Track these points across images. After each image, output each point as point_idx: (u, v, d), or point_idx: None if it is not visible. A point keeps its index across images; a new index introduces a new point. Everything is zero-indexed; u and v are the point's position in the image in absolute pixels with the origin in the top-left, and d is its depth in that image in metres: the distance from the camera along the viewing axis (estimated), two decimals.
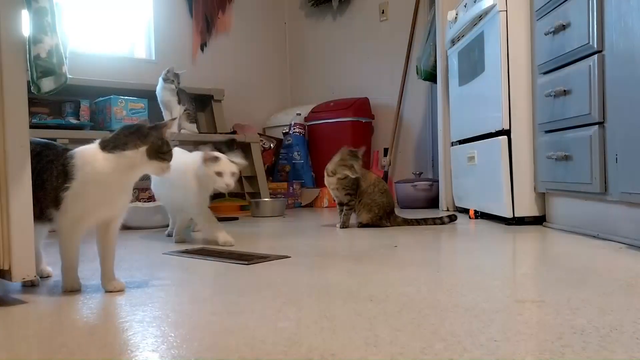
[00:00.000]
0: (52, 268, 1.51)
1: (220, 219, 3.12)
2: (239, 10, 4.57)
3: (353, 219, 2.60)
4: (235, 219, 3.20)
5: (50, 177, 1.23)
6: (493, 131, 2.53)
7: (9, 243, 1.18)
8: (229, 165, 2.01)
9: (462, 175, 3.07)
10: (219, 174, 1.98)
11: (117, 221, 1.30)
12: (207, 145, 2.25)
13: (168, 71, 3.44)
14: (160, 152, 1.28)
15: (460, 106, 3.06)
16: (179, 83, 3.47)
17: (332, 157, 2.57)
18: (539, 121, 2.30)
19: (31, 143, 1.26)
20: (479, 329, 0.92)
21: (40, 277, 1.44)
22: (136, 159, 1.25)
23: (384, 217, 2.54)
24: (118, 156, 1.24)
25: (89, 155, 1.25)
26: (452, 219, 2.61)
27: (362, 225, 2.55)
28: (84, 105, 3.36)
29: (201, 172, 2.01)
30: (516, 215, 2.41)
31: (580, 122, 1.94)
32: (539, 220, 2.40)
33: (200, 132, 3.81)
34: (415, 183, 3.64)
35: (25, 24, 1.23)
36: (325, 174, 2.56)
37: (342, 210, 2.58)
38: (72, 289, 1.29)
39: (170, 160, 1.32)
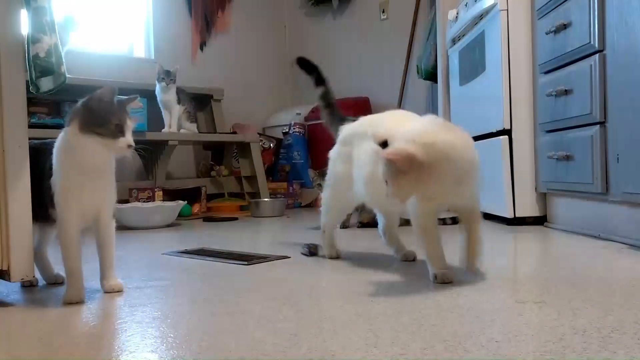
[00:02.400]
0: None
1: (220, 220, 3.13)
2: (238, 10, 4.56)
3: (353, 219, 2.59)
4: (235, 219, 3.19)
5: (44, 176, 1.21)
6: (494, 131, 2.52)
7: (7, 243, 1.18)
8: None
9: None
10: None
11: (105, 217, 1.24)
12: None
13: (158, 71, 3.42)
14: (92, 126, 1.14)
15: (461, 106, 3.05)
16: (171, 80, 3.44)
17: None
18: (540, 121, 2.29)
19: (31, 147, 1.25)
20: (480, 329, 0.92)
21: (55, 283, 1.40)
22: (73, 134, 1.16)
23: None
24: (64, 134, 1.18)
25: (57, 140, 1.20)
26: (456, 220, 2.60)
27: (362, 224, 2.55)
28: None
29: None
30: (517, 215, 2.41)
31: (582, 121, 1.93)
32: (540, 221, 2.40)
33: (200, 132, 3.81)
34: None
35: (24, 23, 1.22)
36: None
37: None
38: (71, 300, 1.18)
39: (111, 136, 1.14)
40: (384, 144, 1.18)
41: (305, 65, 1.81)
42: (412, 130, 1.19)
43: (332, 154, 1.63)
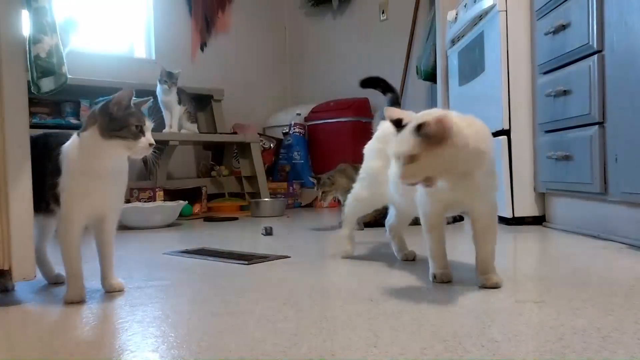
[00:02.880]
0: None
1: (220, 219, 3.13)
2: (238, 10, 4.57)
3: None
4: (235, 219, 3.19)
5: (47, 172, 1.21)
6: (493, 131, 2.52)
7: (9, 244, 1.18)
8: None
9: None
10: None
11: (110, 218, 1.26)
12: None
13: (161, 72, 3.43)
14: (113, 130, 1.15)
15: (460, 106, 3.05)
16: (173, 82, 3.45)
17: (338, 164, 2.61)
18: (539, 121, 2.29)
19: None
20: (479, 329, 0.92)
21: (56, 283, 1.40)
22: (92, 140, 1.16)
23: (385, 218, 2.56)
24: (80, 139, 1.19)
25: (69, 143, 1.21)
26: (457, 219, 2.60)
27: (365, 224, 2.55)
28: (84, 105, 3.36)
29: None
30: (516, 215, 2.41)
31: (581, 122, 1.93)
32: (539, 221, 2.40)
33: (200, 132, 3.81)
34: None
35: (25, 23, 1.23)
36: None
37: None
38: (72, 300, 1.19)
39: (133, 137, 1.16)
40: (398, 122, 1.12)
41: (369, 83, 1.88)
42: (434, 112, 1.12)
43: (367, 149, 1.61)
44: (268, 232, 2.36)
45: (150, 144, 1.19)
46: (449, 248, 1.32)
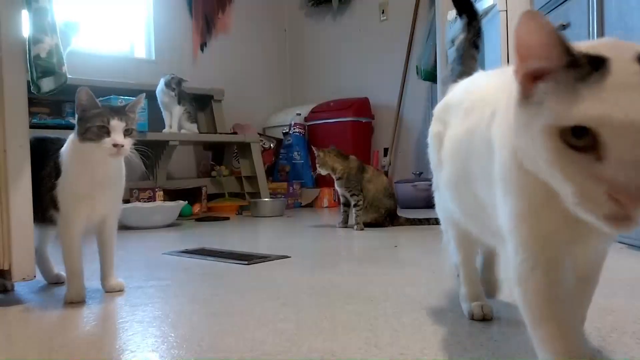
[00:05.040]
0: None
1: (211, 219, 3.13)
2: (238, 11, 4.57)
3: (351, 219, 2.60)
4: (227, 218, 3.18)
5: (45, 175, 1.22)
6: None
7: (9, 243, 1.18)
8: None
9: None
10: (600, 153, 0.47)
11: (110, 219, 1.27)
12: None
13: (172, 78, 3.43)
14: (81, 133, 1.16)
15: None
16: (179, 92, 3.48)
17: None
18: None
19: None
20: (479, 329, 0.92)
21: (57, 283, 1.40)
22: (75, 143, 1.19)
23: (387, 219, 2.57)
24: (68, 142, 1.21)
25: (66, 146, 1.22)
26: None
27: (366, 224, 2.56)
28: None
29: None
30: None
31: None
32: None
33: (200, 132, 3.81)
34: (415, 183, 3.64)
35: (26, 24, 1.23)
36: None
37: (345, 211, 2.59)
38: (72, 300, 1.19)
39: (96, 138, 1.15)
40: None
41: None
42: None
43: (431, 137, 1.06)
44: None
45: (115, 145, 1.16)
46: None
